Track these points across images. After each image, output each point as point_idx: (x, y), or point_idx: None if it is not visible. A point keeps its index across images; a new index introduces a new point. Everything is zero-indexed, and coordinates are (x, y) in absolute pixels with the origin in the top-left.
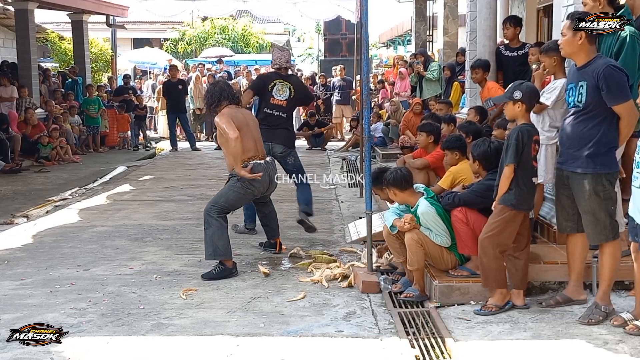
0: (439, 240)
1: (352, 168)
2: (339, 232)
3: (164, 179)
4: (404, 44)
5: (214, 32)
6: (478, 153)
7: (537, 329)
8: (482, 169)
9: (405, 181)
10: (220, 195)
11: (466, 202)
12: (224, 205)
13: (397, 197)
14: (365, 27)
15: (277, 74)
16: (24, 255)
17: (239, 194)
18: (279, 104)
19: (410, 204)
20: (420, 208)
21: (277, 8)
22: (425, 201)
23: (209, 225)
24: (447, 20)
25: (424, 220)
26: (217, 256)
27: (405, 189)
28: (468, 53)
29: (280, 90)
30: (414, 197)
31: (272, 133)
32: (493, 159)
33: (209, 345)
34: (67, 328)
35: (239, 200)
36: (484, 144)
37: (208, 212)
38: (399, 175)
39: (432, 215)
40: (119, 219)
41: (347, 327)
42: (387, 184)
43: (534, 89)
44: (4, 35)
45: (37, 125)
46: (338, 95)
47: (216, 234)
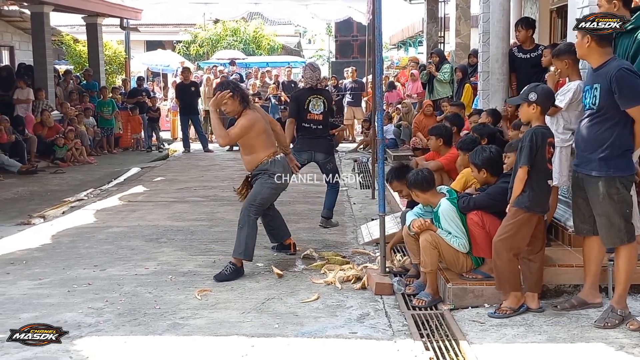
0: (457, 243)
1: (363, 169)
2: (351, 234)
3: (177, 180)
4: (415, 46)
5: (226, 34)
6: (482, 161)
7: (553, 333)
8: (490, 176)
9: (426, 182)
10: (255, 194)
11: (481, 205)
12: (261, 203)
13: (420, 198)
14: (379, 29)
15: (311, 90)
16: (41, 255)
17: (272, 189)
18: (316, 118)
19: (433, 205)
20: (442, 207)
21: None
22: (447, 200)
23: (245, 224)
24: (459, 21)
25: (444, 218)
26: (246, 256)
27: (427, 190)
28: (481, 55)
29: (316, 105)
30: (436, 198)
31: (314, 143)
32: (499, 164)
33: (224, 345)
34: (85, 327)
35: (273, 196)
36: (484, 151)
37: (247, 211)
38: (420, 176)
39: (452, 214)
40: (134, 220)
41: (361, 329)
42: (409, 186)
43: (550, 91)
44: (20, 38)
45: (53, 127)
46: (349, 97)
47: (250, 235)
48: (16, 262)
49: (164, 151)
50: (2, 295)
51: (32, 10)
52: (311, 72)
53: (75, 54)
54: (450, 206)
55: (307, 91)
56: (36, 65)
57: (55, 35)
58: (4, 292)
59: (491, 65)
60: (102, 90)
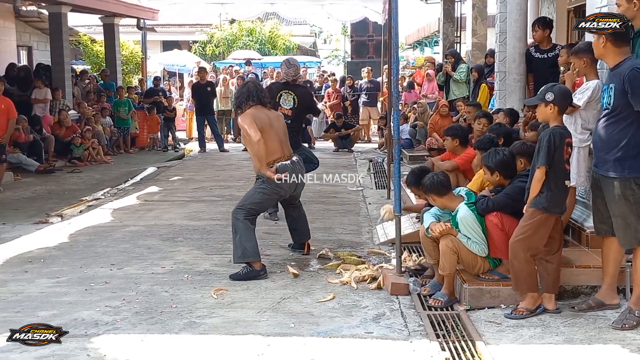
0: (476, 249)
1: (379, 170)
2: (366, 234)
3: (193, 179)
4: (431, 46)
5: (242, 34)
6: (495, 164)
7: (569, 334)
8: (503, 179)
9: (442, 186)
10: (246, 198)
11: (500, 205)
12: (251, 207)
13: (437, 203)
14: (395, 29)
15: (285, 85)
16: (59, 254)
17: (265, 195)
18: (285, 112)
19: (450, 208)
20: (460, 213)
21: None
22: (465, 206)
23: (237, 227)
24: (475, 21)
25: (463, 225)
26: (246, 258)
27: (443, 195)
28: (497, 55)
29: (286, 100)
30: (454, 202)
31: None
32: (513, 166)
33: (240, 344)
34: (102, 325)
35: (266, 202)
36: (497, 153)
37: (235, 215)
38: (436, 181)
39: (471, 221)
40: (150, 219)
41: (377, 329)
42: (425, 190)
43: (567, 91)
44: (38, 38)
45: (70, 127)
46: (365, 97)
47: (244, 236)
48: (34, 261)
49: (179, 151)
50: (21, 293)
51: (50, 11)
52: (286, 68)
53: (92, 54)
54: (468, 212)
55: (281, 85)
56: (54, 65)
57: (72, 35)
58: (22, 290)
59: (508, 66)
60: (119, 90)
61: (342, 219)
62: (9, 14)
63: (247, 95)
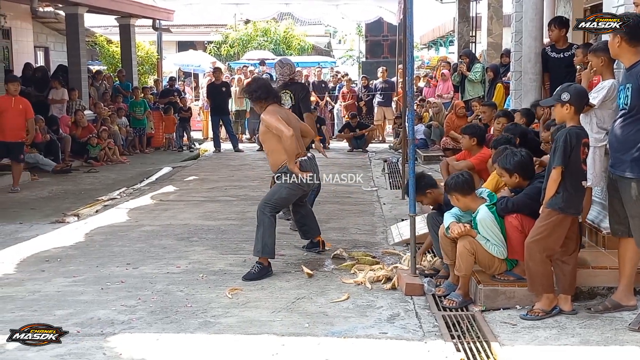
0: (495, 251)
1: (393, 170)
2: (381, 234)
3: (208, 179)
4: (446, 45)
5: (257, 34)
6: (513, 165)
7: (586, 335)
8: (522, 181)
9: (467, 186)
10: (272, 193)
11: (520, 205)
12: (277, 203)
13: (460, 203)
14: (410, 29)
15: (284, 85)
16: (75, 253)
17: (291, 190)
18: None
19: (472, 209)
20: (479, 214)
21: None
22: (485, 208)
23: (262, 222)
24: (491, 21)
25: (482, 227)
26: (265, 254)
27: (467, 194)
28: (513, 54)
29: (284, 100)
30: (476, 203)
31: None
32: (531, 166)
33: (254, 344)
34: (118, 324)
35: (290, 197)
36: (514, 155)
37: (262, 210)
38: (461, 180)
39: (489, 223)
40: (166, 219)
41: (391, 329)
42: (449, 189)
43: (583, 90)
44: (55, 39)
45: (87, 127)
46: (380, 97)
47: (267, 232)
48: (51, 260)
49: (195, 151)
50: (38, 292)
51: (67, 12)
52: (280, 69)
53: (108, 54)
54: (488, 214)
55: (281, 87)
56: (70, 65)
57: (89, 36)
58: (39, 289)
59: (524, 65)
60: (135, 91)
61: (356, 219)
62: (26, 15)
63: (267, 92)
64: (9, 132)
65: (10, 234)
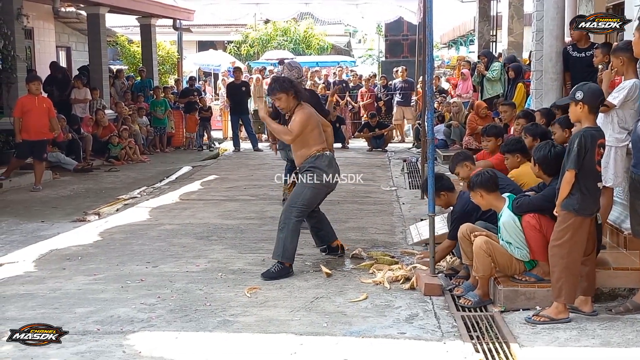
0: (518, 254)
1: (412, 169)
2: (400, 234)
3: (228, 179)
4: (466, 45)
5: (276, 34)
6: (538, 157)
7: (606, 337)
8: (542, 173)
9: (493, 183)
10: (296, 195)
11: (535, 206)
12: (303, 205)
13: (484, 200)
14: (430, 28)
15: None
16: (96, 252)
17: (315, 190)
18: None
19: (496, 208)
20: (503, 218)
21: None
22: (508, 210)
23: (286, 226)
24: (512, 20)
25: (505, 230)
26: (284, 258)
27: (491, 192)
28: (534, 54)
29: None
30: (500, 202)
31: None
32: (553, 165)
33: (273, 343)
34: (137, 322)
35: (316, 198)
36: (545, 148)
37: (287, 213)
38: (487, 176)
39: (513, 226)
40: (185, 218)
41: (410, 329)
42: (473, 186)
43: (597, 89)
44: (77, 39)
45: (108, 126)
46: (399, 96)
47: (289, 237)
48: (72, 258)
49: (214, 150)
50: (59, 290)
51: (89, 12)
52: (288, 72)
53: (129, 54)
54: (512, 217)
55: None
56: (92, 65)
57: (110, 36)
58: (60, 287)
59: (544, 64)
60: (156, 90)
61: (375, 219)
62: (48, 15)
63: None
64: (33, 131)
65: (32, 232)
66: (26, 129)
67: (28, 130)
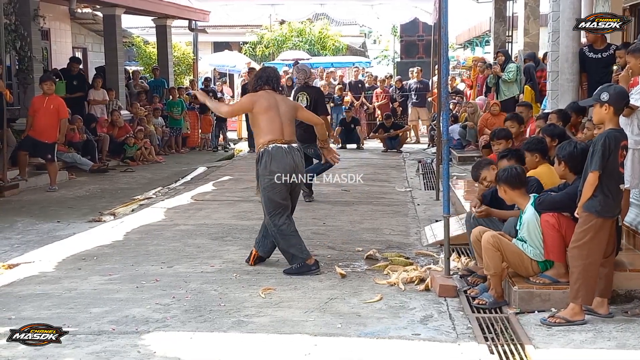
0: (531, 253)
1: (427, 170)
2: (414, 235)
3: (242, 179)
4: (482, 45)
5: (291, 35)
6: (564, 155)
7: (622, 339)
8: (568, 172)
9: (518, 180)
10: (263, 204)
11: (557, 204)
12: (270, 211)
13: (507, 195)
14: (445, 29)
15: (301, 88)
16: (111, 252)
17: (268, 192)
18: None
19: (519, 204)
20: (527, 215)
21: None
22: (532, 208)
23: (275, 236)
24: (527, 20)
25: (527, 227)
26: (296, 260)
27: (516, 188)
28: (550, 54)
29: (301, 100)
30: (524, 199)
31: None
32: (579, 161)
33: (287, 343)
34: (152, 323)
35: (275, 194)
36: (570, 145)
37: (268, 226)
38: (514, 173)
39: (534, 226)
40: (200, 218)
41: (424, 331)
42: (499, 180)
43: (623, 91)
44: (93, 40)
45: (123, 127)
46: (414, 97)
47: (286, 242)
48: (87, 258)
49: (229, 151)
50: (74, 290)
51: (105, 13)
52: (297, 73)
53: (145, 55)
54: (535, 216)
55: (298, 89)
56: (108, 66)
57: (126, 37)
58: (75, 287)
59: (560, 65)
60: (172, 91)
61: (390, 220)
62: (64, 17)
63: (265, 79)
64: (38, 131)
65: (48, 232)
66: (33, 127)
67: (34, 128)
